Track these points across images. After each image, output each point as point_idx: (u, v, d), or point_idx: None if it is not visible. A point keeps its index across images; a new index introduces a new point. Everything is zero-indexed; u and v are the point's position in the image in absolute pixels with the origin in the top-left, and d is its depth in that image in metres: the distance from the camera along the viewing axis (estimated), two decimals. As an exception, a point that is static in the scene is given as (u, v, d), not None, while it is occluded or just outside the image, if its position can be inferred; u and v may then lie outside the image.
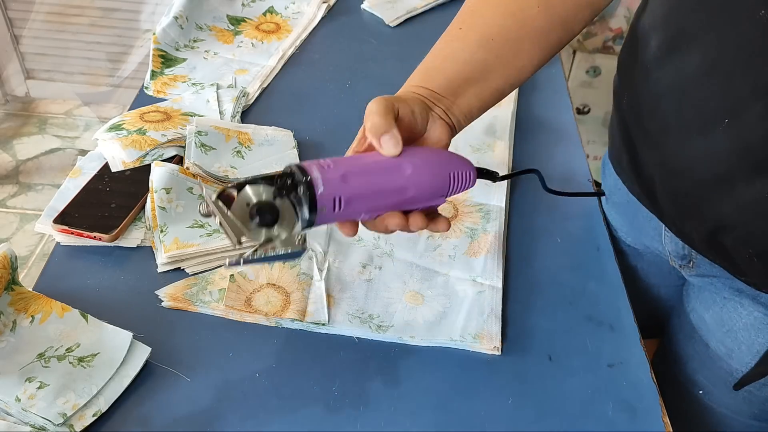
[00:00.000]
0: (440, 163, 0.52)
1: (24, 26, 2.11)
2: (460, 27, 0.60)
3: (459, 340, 0.59)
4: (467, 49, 0.59)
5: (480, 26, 0.60)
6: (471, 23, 0.60)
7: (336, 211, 0.46)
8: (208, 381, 0.55)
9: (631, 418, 0.55)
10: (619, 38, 1.78)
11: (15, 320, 0.56)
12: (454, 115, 0.57)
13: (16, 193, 1.93)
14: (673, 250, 0.69)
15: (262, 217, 0.44)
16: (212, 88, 0.86)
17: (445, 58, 0.60)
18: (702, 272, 0.68)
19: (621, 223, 0.77)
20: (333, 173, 0.46)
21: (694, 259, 0.68)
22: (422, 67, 0.60)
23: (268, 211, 0.44)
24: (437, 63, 0.60)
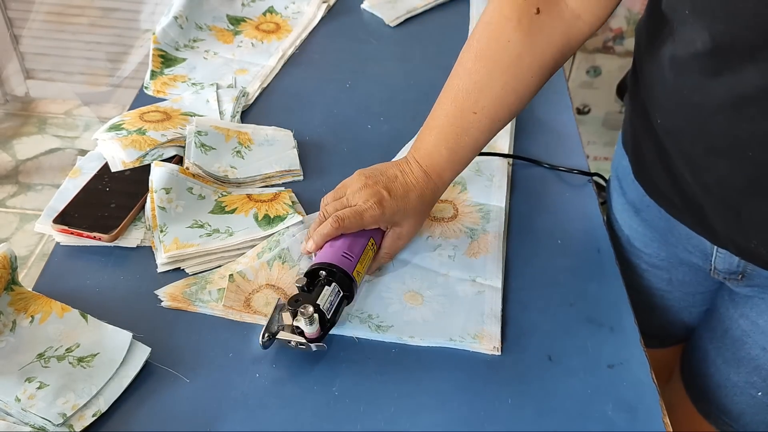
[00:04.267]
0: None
1: (24, 26, 2.11)
2: (474, 111, 0.63)
3: (459, 341, 0.59)
4: (482, 140, 0.65)
5: (490, 109, 0.63)
6: (483, 105, 0.63)
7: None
8: (208, 381, 0.55)
9: (631, 418, 0.55)
10: (619, 38, 1.78)
11: (15, 320, 0.56)
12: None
13: (16, 193, 1.93)
14: (723, 267, 0.69)
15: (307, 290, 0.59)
16: (212, 88, 0.86)
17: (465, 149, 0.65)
18: (754, 283, 0.68)
19: (651, 239, 0.76)
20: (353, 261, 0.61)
21: (747, 274, 0.67)
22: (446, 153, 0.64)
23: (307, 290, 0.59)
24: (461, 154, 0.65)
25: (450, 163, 0.64)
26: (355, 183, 0.63)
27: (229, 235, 0.66)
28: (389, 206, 0.62)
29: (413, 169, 0.64)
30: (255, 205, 0.70)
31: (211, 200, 0.70)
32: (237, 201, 0.71)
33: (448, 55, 1.02)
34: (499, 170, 0.79)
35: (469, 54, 0.64)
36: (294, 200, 0.72)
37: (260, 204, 0.70)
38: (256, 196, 0.72)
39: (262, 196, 0.72)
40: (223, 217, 0.69)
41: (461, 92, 0.63)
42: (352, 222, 0.61)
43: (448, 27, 1.09)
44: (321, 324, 0.55)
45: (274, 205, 0.70)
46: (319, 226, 0.62)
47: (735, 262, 0.67)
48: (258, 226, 0.67)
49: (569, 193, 0.78)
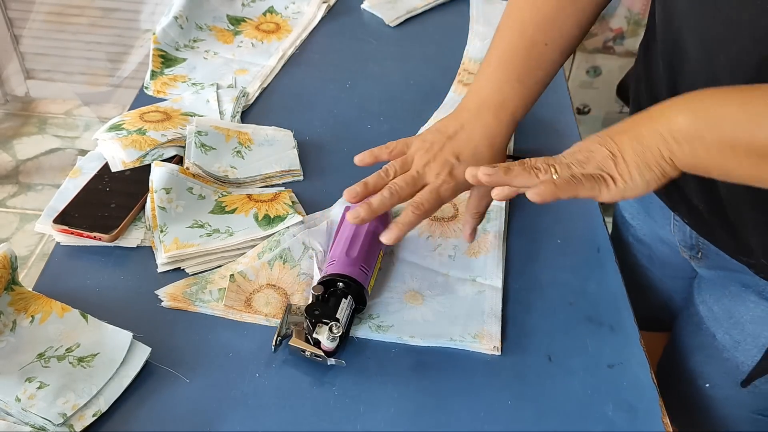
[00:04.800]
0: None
1: (24, 26, 2.11)
2: (546, 43, 0.63)
3: (459, 340, 0.59)
4: (552, 73, 0.64)
5: (560, 41, 0.63)
6: (554, 37, 0.63)
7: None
8: (208, 381, 0.55)
9: (631, 418, 0.55)
10: (619, 38, 1.78)
11: (15, 320, 0.56)
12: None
13: (16, 193, 1.93)
14: (681, 239, 0.69)
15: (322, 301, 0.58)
16: (212, 88, 0.86)
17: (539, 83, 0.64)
18: (711, 264, 0.68)
19: (637, 210, 0.77)
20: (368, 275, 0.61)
21: (702, 249, 0.68)
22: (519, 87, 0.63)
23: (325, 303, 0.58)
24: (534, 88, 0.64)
25: (523, 99, 0.62)
26: (421, 154, 0.60)
27: (230, 235, 0.66)
28: (461, 173, 0.58)
29: (479, 114, 0.61)
30: (255, 205, 0.70)
31: (211, 200, 0.70)
32: (237, 201, 0.71)
33: (448, 55, 1.03)
34: (499, 170, 0.79)
35: None
36: (294, 200, 0.72)
37: (260, 204, 0.70)
38: (256, 196, 0.72)
39: (262, 196, 0.72)
40: (223, 217, 0.69)
41: (531, 24, 0.62)
42: (432, 205, 0.58)
43: (448, 27, 1.09)
44: None
45: (274, 205, 0.70)
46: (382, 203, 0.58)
47: (687, 231, 0.67)
48: (258, 226, 0.67)
49: (569, 193, 0.78)
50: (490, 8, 1.13)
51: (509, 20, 0.64)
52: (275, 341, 0.57)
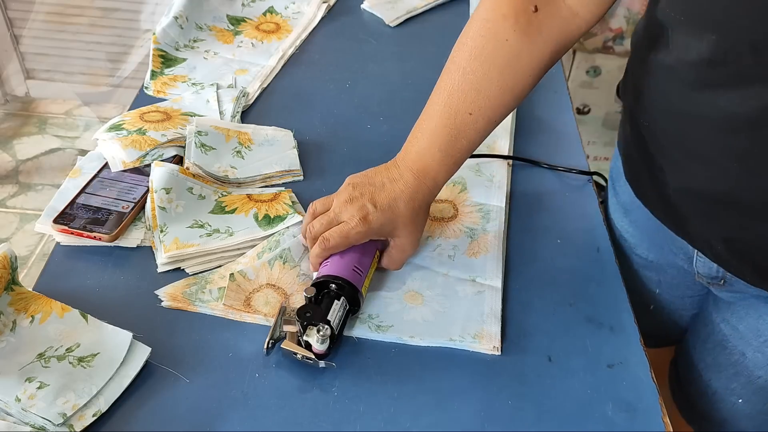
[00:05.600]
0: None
1: (24, 26, 2.11)
2: (470, 112, 0.62)
3: (458, 340, 0.59)
4: (477, 140, 0.63)
5: (486, 110, 0.62)
6: (480, 106, 0.61)
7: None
8: (208, 381, 0.55)
9: (631, 418, 0.55)
10: (619, 38, 1.78)
11: (15, 320, 0.56)
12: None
13: (16, 193, 1.93)
14: (704, 272, 0.69)
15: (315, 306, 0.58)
16: (212, 88, 0.86)
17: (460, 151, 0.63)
18: (735, 290, 0.68)
19: (640, 240, 0.76)
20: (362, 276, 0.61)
21: (727, 280, 0.67)
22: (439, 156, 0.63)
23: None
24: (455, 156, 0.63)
25: (444, 166, 0.63)
26: (342, 194, 0.62)
27: (229, 235, 0.66)
28: (375, 219, 0.60)
29: (402, 174, 0.62)
30: (255, 205, 0.70)
31: (211, 200, 0.70)
32: (237, 201, 0.71)
33: (447, 55, 1.02)
34: (499, 170, 0.79)
35: (464, 53, 0.62)
36: (294, 200, 0.72)
37: (260, 204, 0.70)
38: (256, 196, 0.72)
39: (262, 196, 0.72)
40: (223, 217, 0.69)
41: (456, 92, 0.61)
42: (338, 242, 0.60)
43: (448, 27, 1.09)
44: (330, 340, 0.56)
45: (274, 205, 0.70)
46: (307, 241, 0.63)
47: (714, 267, 0.67)
48: (258, 226, 0.67)
49: (569, 193, 0.78)
50: (490, 8, 1.12)
51: (439, 85, 0.64)
52: (267, 344, 0.57)
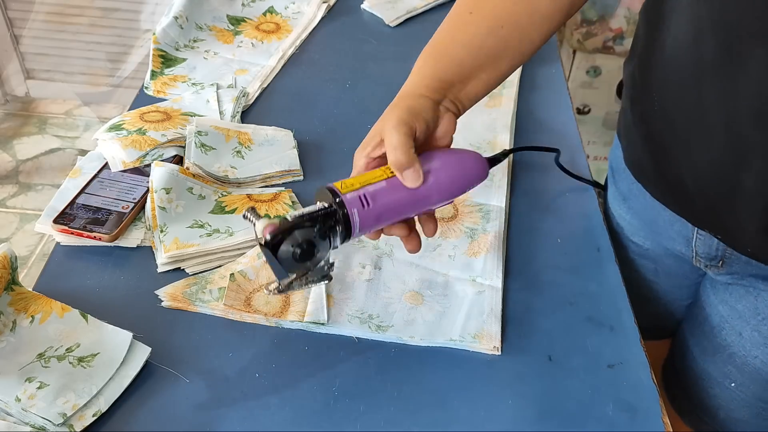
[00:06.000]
0: (458, 168, 0.57)
1: (24, 26, 2.11)
2: (470, 11, 0.61)
3: (459, 340, 0.59)
4: (479, 36, 0.61)
5: (490, 12, 0.61)
6: (481, 8, 0.61)
7: (365, 235, 0.55)
8: (208, 381, 0.55)
9: (631, 418, 0.55)
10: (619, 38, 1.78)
11: (15, 320, 0.56)
12: (461, 101, 0.60)
13: (16, 193, 1.93)
14: (704, 252, 0.68)
15: (303, 256, 0.50)
16: (212, 88, 0.86)
17: (457, 43, 0.61)
18: (733, 270, 0.68)
19: (638, 227, 0.77)
20: (369, 214, 0.52)
21: (726, 259, 0.67)
22: (433, 53, 0.61)
23: (308, 251, 0.50)
24: (449, 49, 0.61)
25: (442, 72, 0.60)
26: None
27: (230, 235, 0.66)
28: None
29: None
30: (255, 205, 0.70)
31: (211, 200, 0.70)
32: (237, 201, 0.71)
33: (448, 55, 1.03)
34: (499, 170, 0.79)
35: None
36: (294, 200, 0.72)
37: (260, 204, 0.70)
38: (256, 196, 0.72)
39: (262, 196, 0.72)
40: (223, 217, 0.69)
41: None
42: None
43: (448, 27, 1.09)
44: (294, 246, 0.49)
45: (274, 205, 0.70)
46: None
47: (714, 244, 0.67)
48: (258, 226, 0.67)
49: (569, 193, 0.78)
50: (490, 8, 1.12)
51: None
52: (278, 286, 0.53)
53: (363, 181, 0.53)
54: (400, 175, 0.53)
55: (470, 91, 0.60)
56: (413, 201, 0.54)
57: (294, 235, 0.49)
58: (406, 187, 0.53)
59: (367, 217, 0.52)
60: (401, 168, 0.53)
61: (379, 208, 0.52)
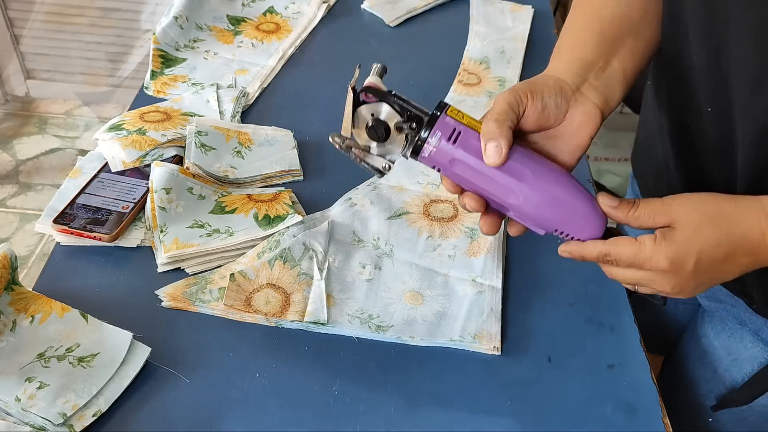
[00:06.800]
0: (557, 189, 0.49)
1: (24, 26, 2.11)
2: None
3: (458, 340, 0.59)
4: (611, 5, 0.55)
5: None
6: None
7: (434, 168, 0.50)
8: (208, 381, 0.55)
9: (631, 418, 0.55)
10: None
11: (15, 320, 0.56)
12: (607, 84, 0.52)
13: (16, 193, 1.93)
14: None
15: (372, 131, 0.50)
16: (212, 88, 0.86)
17: (594, 16, 0.55)
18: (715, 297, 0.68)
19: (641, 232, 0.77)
20: (448, 149, 0.48)
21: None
22: (569, 32, 0.55)
23: (380, 130, 0.50)
24: (588, 24, 0.55)
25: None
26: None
27: (229, 235, 0.66)
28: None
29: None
30: (255, 205, 0.70)
31: (211, 200, 0.70)
32: (237, 201, 0.71)
33: (448, 55, 1.03)
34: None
35: None
36: (294, 200, 0.72)
37: (260, 204, 0.70)
38: (256, 196, 0.72)
39: (262, 196, 0.72)
40: (223, 217, 0.69)
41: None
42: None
43: (448, 27, 1.09)
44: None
45: (274, 205, 0.70)
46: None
47: None
48: (258, 226, 0.67)
49: (569, 193, 0.78)
50: (490, 8, 1.13)
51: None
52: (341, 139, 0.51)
53: (473, 124, 0.49)
54: (483, 144, 0.47)
55: (616, 70, 0.52)
56: (488, 181, 0.49)
57: (379, 106, 0.49)
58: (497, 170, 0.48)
59: (444, 153, 0.48)
60: (485, 137, 0.47)
61: (459, 153, 0.48)
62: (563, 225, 0.50)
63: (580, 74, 0.51)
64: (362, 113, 0.50)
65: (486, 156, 0.47)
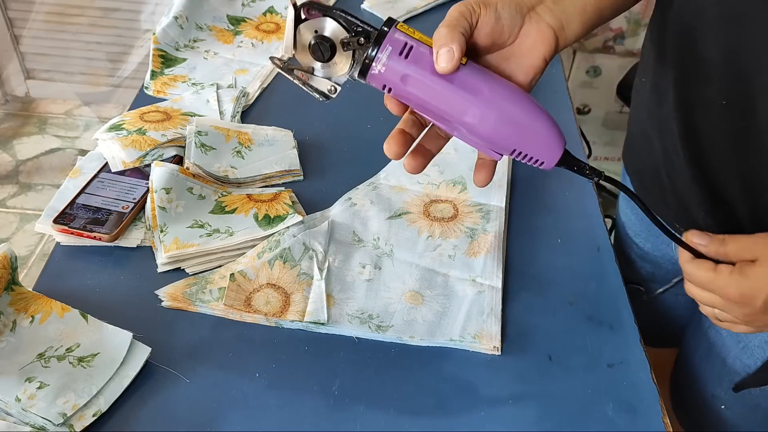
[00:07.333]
0: (514, 107, 0.47)
1: (24, 26, 2.11)
2: None
3: (458, 340, 0.59)
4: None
5: None
6: None
7: (383, 88, 0.47)
8: (208, 381, 0.55)
9: (631, 418, 0.55)
10: (619, 38, 1.78)
11: (15, 320, 0.56)
12: (565, 11, 0.50)
13: (16, 193, 1.93)
14: None
15: (316, 49, 0.46)
16: (212, 88, 0.86)
17: None
18: None
19: (639, 229, 0.77)
20: (399, 65, 0.46)
21: None
22: None
23: (324, 48, 0.46)
24: None
25: None
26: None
27: (230, 235, 0.66)
28: None
29: None
30: (255, 205, 0.70)
31: (211, 200, 0.70)
32: (237, 201, 0.71)
33: (448, 55, 1.03)
34: (499, 170, 0.79)
35: None
36: (294, 200, 0.72)
37: (260, 204, 0.70)
38: (256, 196, 0.72)
39: (262, 196, 0.72)
40: (223, 217, 0.69)
41: None
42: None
43: (448, 27, 1.09)
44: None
45: (275, 205, 0.70)
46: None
47: None
48: (258, 226, 0.67)
49: (569, 193, 0.78)
50: (490, 8, 1.12)
51: None
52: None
53: (425, 39, 0.46)
54: (435, 51, 0.45)
55: (576, 1, 0.51)
56: (443, 98, 0.46)
57: (323, 22, 0.46)
58: (449, 85, 0.46)
59: (394, 70, 0.46)
60: (437, 43, 0.45)
61: (411, 69, 0.46)
62: (522, 145, 0.48)
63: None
64: (304, 31, 0.46)
65: (438, 63, 0.45)
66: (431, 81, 0.46)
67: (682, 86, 0.58)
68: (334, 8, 0.47)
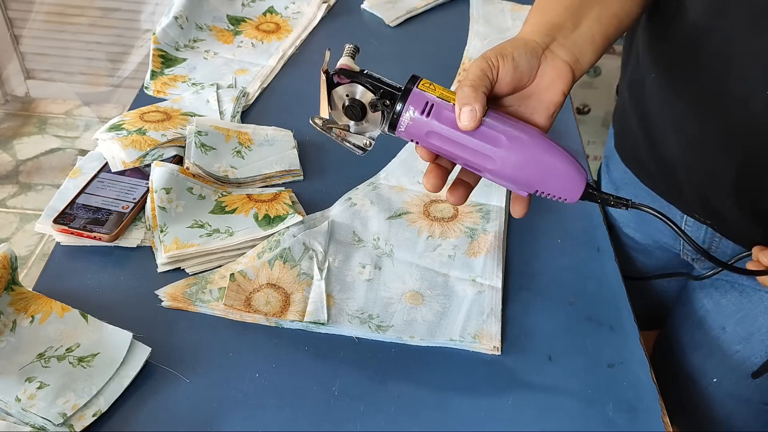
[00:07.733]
0: (535, 151, 0.50)
1: (24, 26, 2.11)
2: None
3: (459, 340, 0.59)
4: None
5: None
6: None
7: (412, 140, 0.52)
8: (208, 381, 0.55)
9: (631, 418, 0.55)
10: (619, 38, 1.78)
11: (15, 320, 0.56)
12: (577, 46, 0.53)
13: (16, 193, 1.93)
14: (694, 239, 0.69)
15: (349, 111, 0.52)
16: (212, 88, 0.86)
17: None
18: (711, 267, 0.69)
19: (629, 219, 0.77)
20: (422, 123, 0.50)
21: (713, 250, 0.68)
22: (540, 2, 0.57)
23: (355, 110, 0.52)
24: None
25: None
26: None
27: (230, 235, 0.66)
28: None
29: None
30: (255, 205, 0.70)
31: (211, 200, 0.70)
32: (237, 201, 0.71)
33: (448, 55, 1.03)
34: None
35: None
36: (294, 200, 0.72)
37: (260, 204, 0.70)
38: (256, 196, 0.72)
39: (262, 196, 0.72)
40: (223, 217, 0.69)
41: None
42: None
43: (448, 27, 1.09)
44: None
45: (275, 205, 0.70)
46: None
47: (701, 237, 0.67)
48: (258, 226, 0.67)
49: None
50: (490, 8, 1.13)
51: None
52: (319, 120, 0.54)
53: (446, 95, 0.50)
54: (458, 110, 0.48)
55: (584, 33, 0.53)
56: (465, 149, 0.50)
57: (353, 87, 0.51)
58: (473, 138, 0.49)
59: (419, 125, 0.50)
60: (460, 102, 0.48)
61: (434, 125, 0.49)
62: (543, 185, 0.51)
63: (549, 35, 0.52)
64: (338, 94, 0.52)
65: (460, 121, 0.48)
66: (453, 135, 0.50)
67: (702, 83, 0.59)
68: (361, 72, 0.51)
